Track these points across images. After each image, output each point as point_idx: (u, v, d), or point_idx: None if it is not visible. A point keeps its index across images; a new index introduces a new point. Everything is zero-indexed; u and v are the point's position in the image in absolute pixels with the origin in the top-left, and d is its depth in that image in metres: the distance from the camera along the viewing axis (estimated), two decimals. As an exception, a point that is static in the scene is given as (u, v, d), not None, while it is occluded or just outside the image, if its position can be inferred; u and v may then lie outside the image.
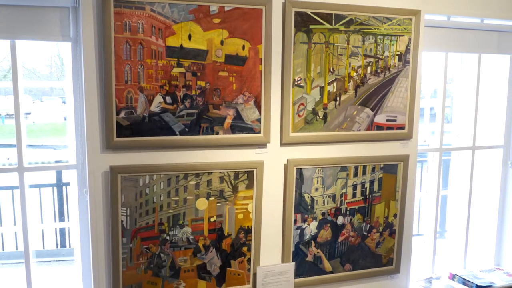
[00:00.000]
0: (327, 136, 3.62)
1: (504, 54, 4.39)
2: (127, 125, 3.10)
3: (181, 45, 3.16)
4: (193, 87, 3.21)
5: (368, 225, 3.86)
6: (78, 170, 3.33)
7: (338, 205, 3.75)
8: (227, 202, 3.42)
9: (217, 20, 3.21)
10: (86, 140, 3.10)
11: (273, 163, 3.52)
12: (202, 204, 3.37)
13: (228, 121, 3.33)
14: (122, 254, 3.22)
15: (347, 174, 3.72)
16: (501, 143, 4.50)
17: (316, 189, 3.66)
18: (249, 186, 3.45)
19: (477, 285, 4.16)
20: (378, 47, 3.68)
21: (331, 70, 3.57)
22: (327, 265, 3.79)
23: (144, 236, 3.26)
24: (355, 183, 3.77)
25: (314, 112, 3.56)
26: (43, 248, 6.88)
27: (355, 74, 3.64)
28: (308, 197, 3.64)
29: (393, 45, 3.72)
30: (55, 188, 6.98)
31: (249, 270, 3.56)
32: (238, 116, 3.34)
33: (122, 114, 3.08)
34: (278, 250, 3.65)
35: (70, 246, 6.93)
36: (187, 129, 3.23)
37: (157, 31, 3.08)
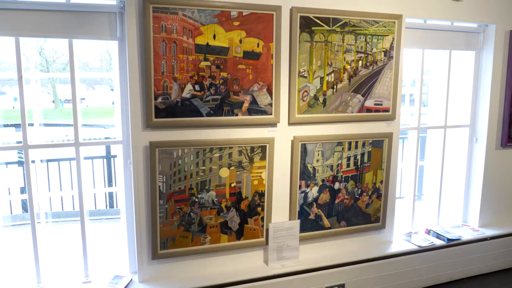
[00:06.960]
0: (326, 117, 3.60)
1: (470, 51, 4.35)
2: (163, 108, 3.09)
3: (207, 43, 3.13)
4: (217, 78, 3.19)
5: (360, 190, 3.85)
6: (124, 145, 3.33)
7: (335, 173, 3.74)
8: (245, 171, 3.42)
9: (236, 23, 3.18)
10: (130, 121, 3.10)
11: (282, 139, 3.51)
12: (224, 172, 3.36)
13: (246, 105, 3.31)
14: (159, 213, 3.23)
15: (342, 148, 3.71)
16: (468, 123, 4.46)
17: (317, 160, 3.64)
18: (263, 158, 3.44)
19: (448, 238, 4.15)
20: (368, 44, 3.64)
21: (329, 63, 3.54)
22: (326, 222, 3.78)
23: (177, 198, 3.27)
24: (349, 155, 3.75)
25: (316, 97, 3.53)
26: (95, 208, 6.90)
27: (349, 67, 3.61)
28: (310, 167, 3.63)
29: (379, 43, 3.68)
30: (104, 160, 6.98)
31: (262, 226, 3.56)
32: (253, 101, 3.32)
33: (159, 99, 3.07)
34: (286, 210, 3.65)
35: (117, 207, 6.95)
36: (212, 112, 3.22)
37: (187, 32, 3.06)
